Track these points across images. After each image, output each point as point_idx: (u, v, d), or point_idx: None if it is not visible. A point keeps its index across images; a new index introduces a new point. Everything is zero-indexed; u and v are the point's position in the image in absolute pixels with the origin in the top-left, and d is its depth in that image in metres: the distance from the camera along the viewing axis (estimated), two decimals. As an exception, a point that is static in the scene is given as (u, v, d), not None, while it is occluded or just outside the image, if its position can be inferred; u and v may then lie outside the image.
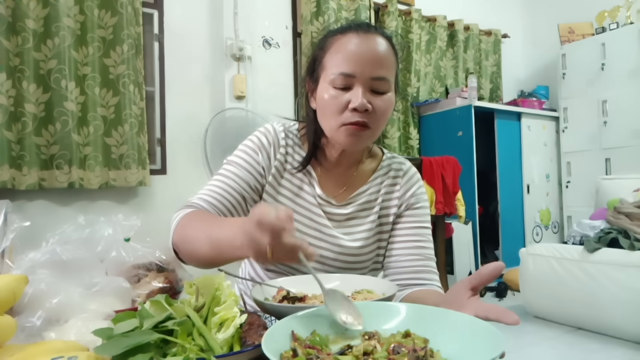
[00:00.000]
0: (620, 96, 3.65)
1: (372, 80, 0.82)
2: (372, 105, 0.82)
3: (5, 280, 0.67)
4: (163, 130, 2.83)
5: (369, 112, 0.82)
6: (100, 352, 0.51)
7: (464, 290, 0.60)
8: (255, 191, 0.92)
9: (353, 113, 0.82)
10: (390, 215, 0.96)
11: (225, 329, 0.57)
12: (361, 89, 0.82)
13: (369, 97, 0.83)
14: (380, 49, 0.83)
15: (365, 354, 0.47)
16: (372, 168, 0.99)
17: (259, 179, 0.93)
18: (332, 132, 0.86)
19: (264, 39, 3.18)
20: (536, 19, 4.74)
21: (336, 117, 0.84)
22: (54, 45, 2.33)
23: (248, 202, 0.91)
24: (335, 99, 0.83)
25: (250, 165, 0.92)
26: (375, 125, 0.85)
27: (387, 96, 0.85)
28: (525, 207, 3.91)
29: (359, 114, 0.82)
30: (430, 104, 3.81)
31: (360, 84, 0.82)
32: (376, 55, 0.83)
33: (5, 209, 1.12)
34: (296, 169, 0.94)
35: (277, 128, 0.96)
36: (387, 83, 0.84)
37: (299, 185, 0.95)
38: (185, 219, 0.81)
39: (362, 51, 0.82)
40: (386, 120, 0.87)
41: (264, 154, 0.93)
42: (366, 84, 0.82)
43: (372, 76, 0.82)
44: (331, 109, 0.84)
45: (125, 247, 1.10)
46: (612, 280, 2.38)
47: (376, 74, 0.82)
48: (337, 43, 0.85)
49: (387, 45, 0.85)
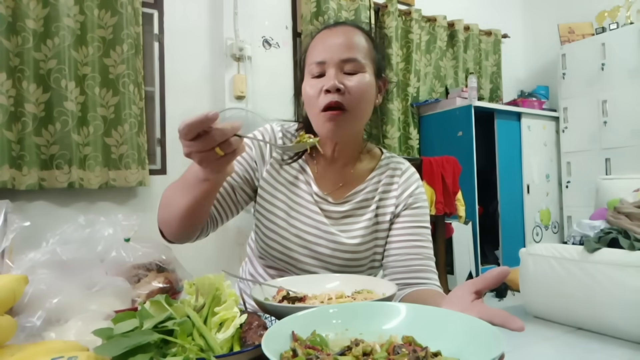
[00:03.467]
0: (620, 96, 3.65)
1: (342, 62, 0.86)
2: (344, 86, 0.85)
3: (5, 280, 0.67)
4: (163, 130, 2.83)
5: (342, 92, 0.85)
6: (100, 352, 0.51)
7: (468, 293, 0.59)
8: (245, 181, 0.95)
9: (326, 95, 0.85)
10: (387, 214, 0.96)
11: (225, 329, 0.57)
12: (333, 71, 0.85)
13: (341, 78, 0.85)
14: (349, 34, 0.88)
15: (365, 354, 0.47)
16: (370, 167, 0.99)
17: (249, 170, 0.96)
18: (315, 121, 0.89)
19: (264, 39, 3.18)
20: (536, 19, 4.74)
21: (315, 104, 0.87)
22: (53, 45, 2.33)
23: (237, 192, 0.94)
24: (313, 87, 0.87)
25: (242, 158, 0.95)
26: (352, 107, 0.86)
27: (359, 75, 0.87)
28: (525, 207, 3.91)
29: (331, 95, 0.84)
30: (430, 104, 3.81)
31: (331, 68, 0.86)
32: (344, 40, 0.87)
33: (5, 209, 1.11)
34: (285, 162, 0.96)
35: (275, 127, 0.99)
36: (359, 64, 0.87)
37: (296, 183, 0.96)
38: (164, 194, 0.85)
39: (332, 39, 0.88)
40: (365, 102, 0.88)
41: (258, 150, 0.96)
42: (337, 66, 0.86)
43: (342, 58, 0.86)
44: (309, 97, 0.88)
45: (125, 247, 1.10)
46: (612, 280, 2.38)
47: (345, 55, 0.86)
48: (313, 41, 0.92)
49: (358, 31, 0.90)
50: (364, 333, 0.53)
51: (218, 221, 0.92)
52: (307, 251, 0.93)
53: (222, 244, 2.89)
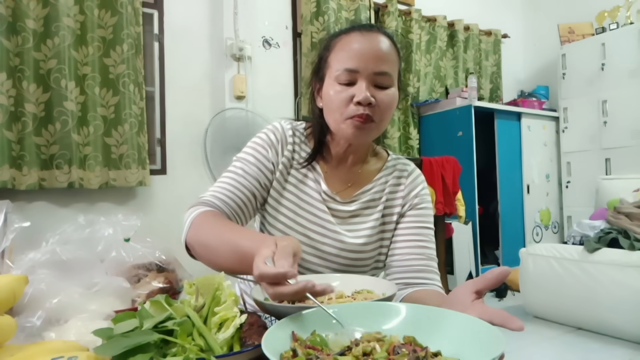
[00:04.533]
0: (620, 96, 3.65)
1: (375, 75, 0.85)
2: (375, 99, 0.85)
3: (5, 280, 0.67)
4: (163, 130, 2.83)
5: (373, 105, 0.85)
6: (100, 352, 0.51)
7: (468, 293, 0.59)
8: (264, 188, 0.94)
9: (357, 106, 0.84)
10: (393, 215, 0.97)
11: (225, 329, 0.57)
12: (365, 83, 0.84)
13: (373, 91, 0.85)
14: (383, 46, 0.86)
15: (365, 355, 0.47)
16: (377, 168, 1.00)
17: (269, 175, 0.94)
18: (338, 125, 0.88)
19: (264, 39, 3.18)
20: (536, 19, 4.74)
21: (341, 111, 0.86)
22: (53, 45, 2.33)
23: (257, 199, 0.93)
24: (340, 93, 0.86)
25: (260, 162, 0.94)
26: (379, 119, 0.87)
27: (390, 91, 0.87)
28: (525, 207, 3.91)
29: (363, 107, 0.84)
30: (430, 104, 3.81)
31: (363, 79, 0.84)
32: (378, 52, 0.85)
33: (5, 209, 1.12)
34: (301, 165, 0.96)
35: (284, 126, 0.98)
36: (390, 78, 0.87)
37: (305, 181, 0.96)
38: (201, 218, 0.82)
39: (365, 48, 0.85)
40: (390, 114, 0.89)
41: (273, 151, 0.95)
42: (369, 78, 0.85)
43: (375, 71, 0.85)
44: (336, 103, 0.86)
45: (125, 247, 1.10)
46: (612, 280, 2.38)
47: (379, 69, 0.85)
48: (341, 42, 0.89)
49: (389, 42, 0.88)
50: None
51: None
52: (312, 250, 0.93)
53: (222, 244, 2.89)
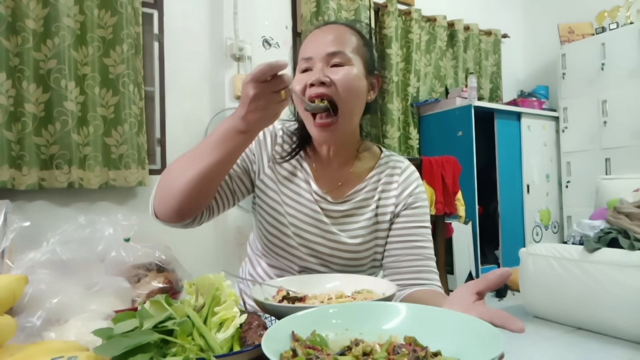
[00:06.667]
0: (620, 96, 3.65)
1: (328, 56, 0.86)
2: (330, 78, 0.84)
3: (5, 280, 0.67)
4: (163, 130, 2.83)
5: (328, 85, 0.84)
6: (100, 352, 0.51)
7: (469, 294, 0.59)
8: (243, 171, 0.95)
9: (310, 88, 0.85)
10: (387, 214, 0.95)
11: (225, 329, 0.57)
12: (320, 65, 0.86)
13: (327, 71, 0.85)
14: (337, 31, 0.90)
15: (365, 355, 0.47)
16: (369, 166, 0.98)
17: (247, 161, 0.96)
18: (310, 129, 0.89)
19: (264, 39, 3.18)
20: (536, 19, 4.74)
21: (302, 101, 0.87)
22: (53, 45, 2.33)
23: (234, 179, 0.94)
24: (299, 82, 0.87)
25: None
26: (342, 101, 0.85)
27: (346, 68, 0.86)
28: (525, 207, 3.91)
29: (315, 88, 0.84)
30: (430, 104, 3.81)
31: (317, 62, 0.86)
32: (331, 36, 0.88)
33: (5, 209, 1.12)
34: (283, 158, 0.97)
35: (275, 125, 1.00)
36: (345, 57, 0.87)
37: (296, 181, 0.96)
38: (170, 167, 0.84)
39: (319, 36, 0.90)
40: (354, 96, 0.87)
41: (257, 145, 0.97)
42: (324, 60, 0.86)
43: (327, 52, 0.86)
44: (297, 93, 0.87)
45: (125, 247, 1.10)
46: (612, 280, 2.38)
47: (330, 49, 0.86)
48: (304, 41, 0.93)
49: (346, 28, 0.91)
50: (364, 333, 0.53)
51: (214, 210, 0.91)
52: (308, 250, 0.93)
53: (222, 244, 2.89)
